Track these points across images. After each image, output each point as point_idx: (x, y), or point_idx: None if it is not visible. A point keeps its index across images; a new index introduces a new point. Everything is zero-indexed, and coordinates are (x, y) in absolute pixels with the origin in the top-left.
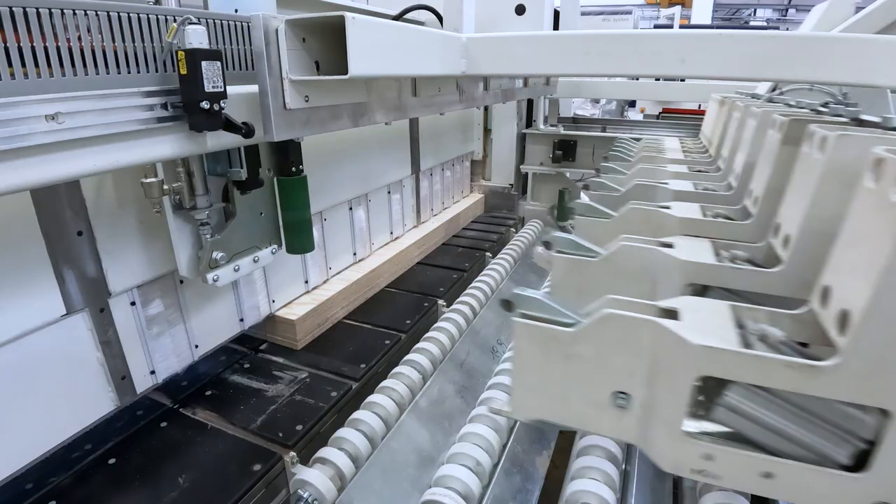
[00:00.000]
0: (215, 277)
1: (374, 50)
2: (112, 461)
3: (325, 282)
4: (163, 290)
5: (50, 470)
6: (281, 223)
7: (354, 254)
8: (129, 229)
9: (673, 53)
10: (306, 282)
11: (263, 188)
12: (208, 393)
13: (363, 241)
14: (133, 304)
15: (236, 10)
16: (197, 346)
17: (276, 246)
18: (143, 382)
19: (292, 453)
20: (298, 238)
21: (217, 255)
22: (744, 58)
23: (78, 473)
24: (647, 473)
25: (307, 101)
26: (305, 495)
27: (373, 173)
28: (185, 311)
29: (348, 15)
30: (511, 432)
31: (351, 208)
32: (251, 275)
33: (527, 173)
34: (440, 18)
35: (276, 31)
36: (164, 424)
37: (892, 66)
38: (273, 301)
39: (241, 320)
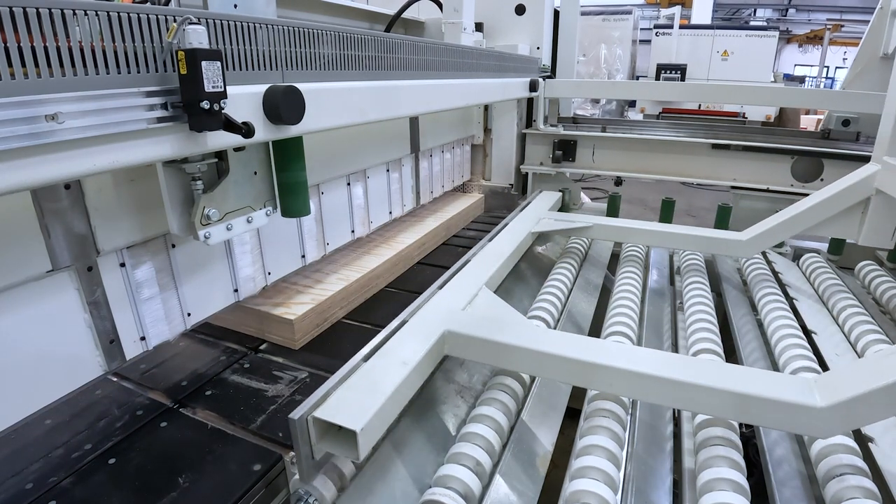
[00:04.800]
0: (207, 234)
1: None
2: (112, 461)
3: (322, 258)
4: (154, 254)
5: (50, 470)
6: (276, 185)
7: (353, 231)
8: (119, 187)
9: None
10: (303, 256)
11: (257, 148)
12: (208, 393)
13: (361, 219)
14: (122, 265)
15: (235, 6)
16: (189, 315)
17: (270, 208)
18: (132, 348)
19: (293, 453)
20: (294, 200)
21: (209, 211)
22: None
23: (78, 473)
24: (647, 473)
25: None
26: (306, 495)
27: (371, 150)
28: (177, 276)
29: (358, 429)
30: (511, 432)
31: (349, 184)
32: (246, 245)
33: (527, 173)
34: (439, 5)
35: (307, 421)
36: (163, 424)
37: None
38: (269, 273)
39: (236, 290)
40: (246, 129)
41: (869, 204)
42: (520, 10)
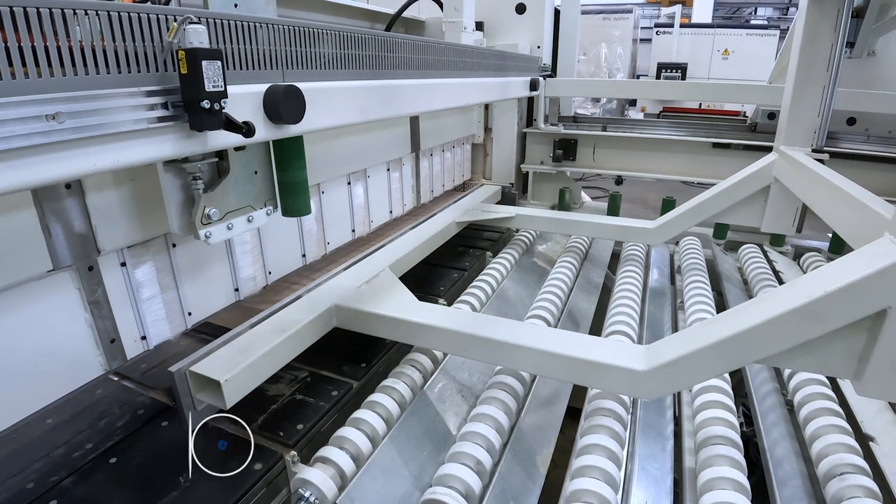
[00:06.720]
0: (207, 234)
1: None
2: (113, 460)
3: (322, 257)
4: (154, 253)
5: (51, 469)
6: (276, 184)
7: (353, 231)
8: (120, 187)
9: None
10: (304, 256)
11: (258, 147)
12: None
13: (362, 218)
14: (123, 264)
15: (236, 5)
16: (190, 314)
17: (271, 207)
18: (133, 348)
19: (293, 452)
20: (294, 200)
21: (209, 210)
22: None
23: (79, 473)
24: (647, 473)
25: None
26: (307, 494)
27: (372, 150)
28: (177, 276)
29: (223, 380)
30: (512, 431)
31: (349, 183)
32: (246, 244)
33: (527, 172)
34: (440, 4)
35: (185, 375)
36: (164, 423)
37: None
38: (270, 272)
39: (237, 290)
40: (246, 129)
41: (769, 192)
42: (520, 9)
